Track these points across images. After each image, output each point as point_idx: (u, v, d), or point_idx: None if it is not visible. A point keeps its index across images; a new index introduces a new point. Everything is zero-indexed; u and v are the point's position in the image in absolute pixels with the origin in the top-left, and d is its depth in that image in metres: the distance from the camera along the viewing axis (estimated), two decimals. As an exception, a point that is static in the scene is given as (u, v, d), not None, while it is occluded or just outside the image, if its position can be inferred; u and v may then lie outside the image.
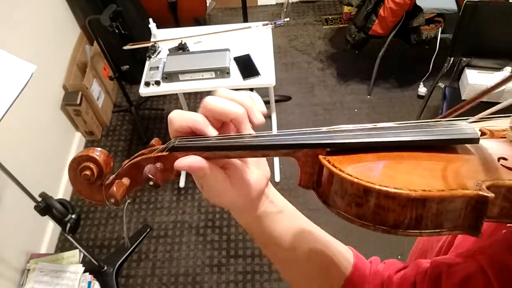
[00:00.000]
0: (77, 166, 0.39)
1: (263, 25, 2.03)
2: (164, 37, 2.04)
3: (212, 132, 0.38)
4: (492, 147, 0.38)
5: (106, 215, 2.26)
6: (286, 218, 0.48)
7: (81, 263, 1.93)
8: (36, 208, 1.44)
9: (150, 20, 2.04)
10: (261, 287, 1.95)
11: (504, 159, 0.36)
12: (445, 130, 0.38)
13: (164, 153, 0.39)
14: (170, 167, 0.39)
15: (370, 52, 2.69)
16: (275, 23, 2.04)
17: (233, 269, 2.02)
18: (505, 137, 0.40)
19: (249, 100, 0.39)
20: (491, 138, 0.41)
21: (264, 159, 0.45)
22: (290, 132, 0.39)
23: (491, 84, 0.50)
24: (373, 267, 0.54)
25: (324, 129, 0.39)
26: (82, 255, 1.96)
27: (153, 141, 0.42)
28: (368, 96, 2.71)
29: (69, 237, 1.59)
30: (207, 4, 2.99)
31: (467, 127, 0.38)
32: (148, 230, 2.18)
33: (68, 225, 1.49)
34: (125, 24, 2.06)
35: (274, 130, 2.50)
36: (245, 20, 2.24)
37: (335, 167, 0.34)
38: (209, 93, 2.52)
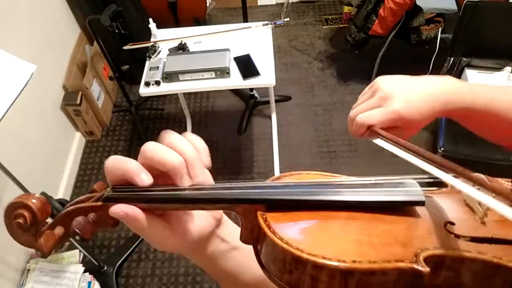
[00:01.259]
0: (11, 212, 0.38)
1: (263, 25, 2.03)
2: (164, 37, 2.04)
3: (143, 180, 0.35)
4: (442, 207, 0.36)
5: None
6: (240, 254, 0.44)
7: (81, 263, 1.93)
8: (36, 208, 1.44)
9: (150, 20, 2.04)
10: (261, 287, 1.95)
11: (452, 223, 0.33)
12: (390, 190, 0.36)
13: (98, 203, 0.38)
14: (104, 218, 0.37)
15: (370, 52, 2.69)
16: (275, 23, 2.04)
17: (233, 269, 2.01)
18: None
19: (191, 151, 0.37)
20: (449, 193, 0.38)
21: None
22: (232, 185, 0.37)
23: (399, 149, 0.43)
24: None
25: (268, 182, 0.37)
26: (82, 255, 1.96)
27: (95, 186, 0.40)
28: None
29: (69, 237, 1.59)
30: (207, 4, 2.99)
31: (414, 188, 0.35)
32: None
33: (68, 225, 1.49)
34: (125, 24, 2.06)
35: (274, 134, 2.51)
36: (245, 20, 2.24)
37: (269, 227, 0.33)
38: (209, 93, 2.52)
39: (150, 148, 0.36)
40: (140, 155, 0.37)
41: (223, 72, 1.83)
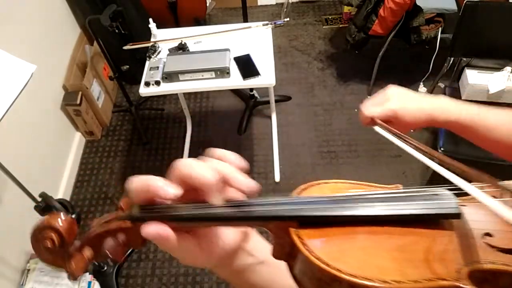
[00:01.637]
0: (38, 234, 0.37)
1: (263, 25, 2.03)
2: (164, 37, 2.04)
3: (167, 192, 0.35)
4: (477, 219, 0.35)
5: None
6: (266, 269, 0.45)
7: (81, 263, 1.93)
8: (36, 208, 1.44)
9: (150, 20, 2.04)
10: (261, 287, 1.95)
11: (489, 235, 0.32)
12: (425, 203, 0.35)
13: (128, 225, 0.37)
14: (134, 238, 0.37)
15: (370, 52, 2.69)
16: (275, 23, 2.04)
17: (233, 269, 2.01)
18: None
19: (227, 166, 0.36)
20: (474, 204, 0.37)
21: None
22: (263, 201, 0.36)
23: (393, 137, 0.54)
24: None
25: (297, 196, 0.37)
26: (82, 255, 1.96)
27: (121, 203, 0.39)
28: (368, 96, 2.71)
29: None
30: (207, 4, 2.99)
31: (449, 199, 0.35)
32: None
33: (68, 225, 1.49)
34: (125, 24, 2.06)
35: (274, 134, 2.51)
36: (245, 20, 2.24)
37: (304, 245, 0.32)
38: (209, 93, 2.52)
39: (183, 163, 0.35)
40: (172, 170, 0.36)
41: (223, 72, 1.83)
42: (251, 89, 2.62)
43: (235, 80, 1.83)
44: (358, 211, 0.34)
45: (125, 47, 1.97)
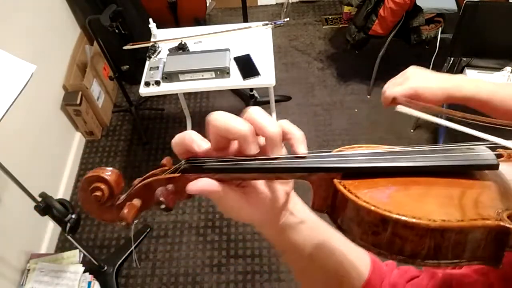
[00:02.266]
0: (87, 187, 0.39)
1: (263, 25, 2.03)
2: (164, 37, 2.04)
3: (200, 146, 0.37)
4: (510, 171, 0.37)
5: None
6: (306, 229, 0.48)
7: (81, 263, 1.93)
8: (36, 208, 1.44)
9: (150, 20, 2.04)
10: (261, 287, 1.95)
11: None
12: (463, 155, 0.36)
13: (176, 175, 0.38)
14: (181, 189, 0.38)
15: (370, 52, 2.69)
16: (275, 23, 2.04)
17: (233, 269, 2.02)
18: None
19: (270, 130, 0.36)
20: (508, 161, 0.40)
21: None
22: (305, 154, 0.38)
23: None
24: (387, 275, 0.54)
25: (335, 151, 0.38)
26: (82, 255, 1.96)
27: (164, 161, 0.41)
28: (368, 96, 2.71)
29: (69, 237, 1.59)
30: (207, 4, 2.99)
31: (485, 152, 0.37)
32: (148, 230, 2.18)
33: (68, 225, 1.49)
34: (125, 24, 2.06)
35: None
36: (245, 20, 2.24)
37: (351, 192, 0.33)
38: (209, 93, 2.52)
39: (216, 116, 0.37)
40: (207, 125, 0.38)
41: (223, 72, 1.83)
42: (251, 89, 2.62)
43: (235, 80, 1.83)
44: (401, 163, 0.35)
45: (125, 47, 1.97)
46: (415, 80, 0.67)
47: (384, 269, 0.54)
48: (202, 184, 0.36)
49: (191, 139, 0.38)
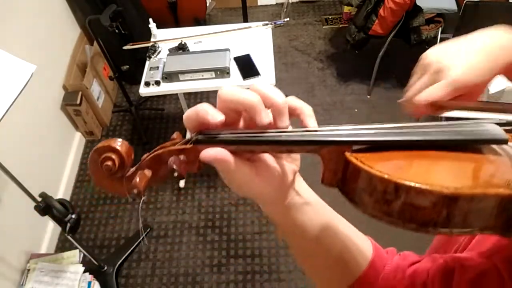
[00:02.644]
0: (98, 157, 0.39)
1: (263, 25, 2.03)
2: (164, 37, 2.04)
3: (214, 116, 0.37)
4: None
5: (106, 215, 2.26)
6: (312, 210, 0.48)
7: (81, 263, 1.93)
8: (36, 208, 1.44)
9: (150, 20, 2.04)
10: (261, 287, 1.95)
11: None
12: (473, 130, 0.37)
13: (188, 146, 0.39)
14: (193, 159, 0.38)
15: (370, 52, 2.69)
16: (275, 23, 2.04)
17: (233, 269, 2.02)
18: None
19: (277, 99, 0.37)
20: None
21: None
22: (316, 128, 0.38)
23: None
24: (388, 261, 0.54)
25: (349, 126, 0.38)
26: (82, 255, 1.96)
27: (174, 135, 0.42)
28: (368, 96, 2.71)
29: (69, 237, 1.59)
30: (207, 4, 2.99)
31: (494, 127, 0.37)
32: (148, 230, 2.18)
33: (68, 225, 1.49)
34: (125, 24, 2.06)
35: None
36: (245, 20, 2.24)
37: (363, 163, 0.33)
38: (209, 93, 2.52)
39: (225, 90, 0.37)
40: (218, 99, 0.38)
41: (223, 72, 1.83)
42: (251, 89, 2.61)
43: (235, 80, 1.83)
44: (413, 136, 0.36)
45: (125, 47, 1.97)
46: (453, 68, 0.45)
47: (385, 256, 0.54)
48: (216, 152, 0.36)
49: (205, 111, 0.37)
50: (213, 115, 0.37)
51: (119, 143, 0.39)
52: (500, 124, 0.38)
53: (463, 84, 0.45)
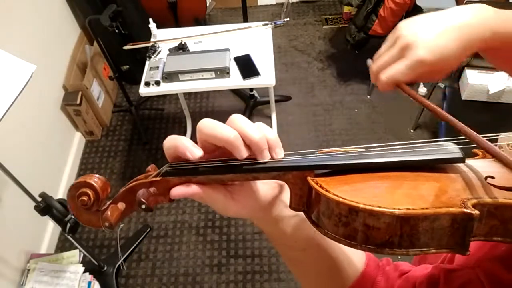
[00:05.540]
0: (75, 192, 0.41)
1: (263, 25, 2.03)
2: (164, 37, 2.04)
3: (193, 153, 0.38)
4: (481, 166, 0.39)
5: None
6: (299, 222, 0.48)
7: (81, 263, 1.93)
8: (36, 208, 1.44)
9: (150, 20, 2.04)
10: (261, 287, 1.95)
11: (492, 177, 0.36)
12: (430, 150, 0.38)
13: (158, 178, 0.40)
14: (163, 191, 0.41)
15: (370, 52, 2.68)
16: (275, 23, 2.04)
17: (233, 269, 2.02)
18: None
19: (255, 136, 0.38)
20: (482, 159, 0.42)
21: None
22: (281, 156, 0.39)
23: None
24: (380, 271, 0.54)
25: (310, 152, 0.40)
26: (82, 255, 1.96)
27: (149, 168, 0.44)
28: (368, 96, 2.71)
29: (69, 237, 1.59)
30: (207, 4, 2.99)
31: (452, 147, 0.38)
32: (148, 230, 2.18)
33: (68, 225, 1.49)
34: (125, 24, 2.06)
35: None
36: (245, 20, 2.24)
37: (322, 187, 0.35)
38: (209, 93, 2.52)
39: (204, 124, 0.38)
40: (197, 132, 0.39)
41: (223, 72, 1.83)
42: (251, 89, 2.62)
43: (235, 80, 1.83)
44: (371, 159, 0.37)
45: (125, 47, 1.97)
46: (421, 46, 0.43)
47: (378, 264, 0.54)
48: (184, 191, 0.38)
49: (184, 146, 0.38)
50: (191, 152, 0.38)
51: (95, 179, 0.41)
52: (459, 143, 0.39)
53: (428, 64, 0.43)
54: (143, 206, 0.41)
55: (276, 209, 0.46)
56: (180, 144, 0.39)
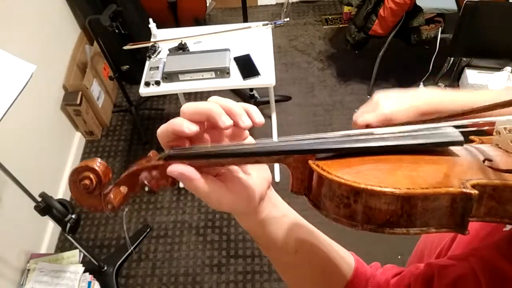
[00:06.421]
0: (77, 176, 0.41)
1: (263, 25, 2.03)
2: (164, 37, 2.04)
3: (190, 128, 0.39)
4: (479, 150, 0.40)
5: (106, 215, 2.26)
6: (289, 222, 0.49)
7: (81, 263, 1.93)
8: (36, 208, 1.44)
9: (150, 20, 2.04)
10: (261, 287, 1.95)
11: (489, 160, 0.37)
12: (430, 134, 0.39)
13: (161, 162, 0.41)
14: (166, 175, 0.40)
15: (370, 52, 2.69)
16: (275, 23, 2.04)
17: (233, 269, 2.02)
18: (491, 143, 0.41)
19: (232, 104, 0.41)
20: (480, 144, 0.43)
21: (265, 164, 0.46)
22: (283, 139, 0.40)
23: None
24: (372, 272, 0.55)
25: (314, 135, 0.40)
26: (82, 255, 1.96)
27: (150, 153, 0.44)
28: (368, 96, 2.71)
29: (69, 237, 1.59)
30: (207, 4, 2.99)
31: (451, 130, 0.39)
32: (148, 230, 2.18)
33: (68, 225, 1.49)
34: (125, 24, 2.06)
35: (274, 134, 2.54)
36: (245, 20, 2.24)
37: (324, 170, 0.35)
38: (209, 93, 2.52)
39: (186, 105, 0.40)
40: (180, 114, 0.41)
41: (223, 72, 1.83)
42: (251, 89, 2.62)
43: (235, 80, 1.83)
44: (372, 143, 0.38)
45: (125, 47, 1.97)
46: (385, 105, 0.65)
47: (368, 271, 0.55)
48: (182, 168, 0.38)
49: (180, 122, 0.39)
50: (188, 126, 0.39)
51: (97, 163, 0.41)
52: (458, 127, 0.40)
53: (388, 118, 0.64)
54: (146, 188, 0.41)
55: (265, 208, 0.47)
56: (176, 122, 0.39)
